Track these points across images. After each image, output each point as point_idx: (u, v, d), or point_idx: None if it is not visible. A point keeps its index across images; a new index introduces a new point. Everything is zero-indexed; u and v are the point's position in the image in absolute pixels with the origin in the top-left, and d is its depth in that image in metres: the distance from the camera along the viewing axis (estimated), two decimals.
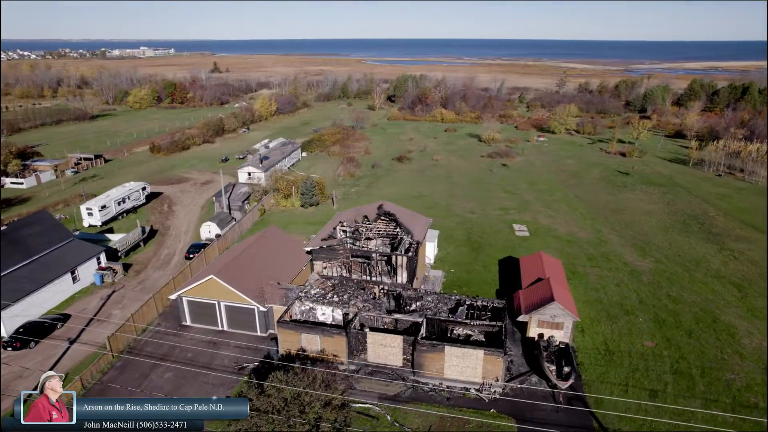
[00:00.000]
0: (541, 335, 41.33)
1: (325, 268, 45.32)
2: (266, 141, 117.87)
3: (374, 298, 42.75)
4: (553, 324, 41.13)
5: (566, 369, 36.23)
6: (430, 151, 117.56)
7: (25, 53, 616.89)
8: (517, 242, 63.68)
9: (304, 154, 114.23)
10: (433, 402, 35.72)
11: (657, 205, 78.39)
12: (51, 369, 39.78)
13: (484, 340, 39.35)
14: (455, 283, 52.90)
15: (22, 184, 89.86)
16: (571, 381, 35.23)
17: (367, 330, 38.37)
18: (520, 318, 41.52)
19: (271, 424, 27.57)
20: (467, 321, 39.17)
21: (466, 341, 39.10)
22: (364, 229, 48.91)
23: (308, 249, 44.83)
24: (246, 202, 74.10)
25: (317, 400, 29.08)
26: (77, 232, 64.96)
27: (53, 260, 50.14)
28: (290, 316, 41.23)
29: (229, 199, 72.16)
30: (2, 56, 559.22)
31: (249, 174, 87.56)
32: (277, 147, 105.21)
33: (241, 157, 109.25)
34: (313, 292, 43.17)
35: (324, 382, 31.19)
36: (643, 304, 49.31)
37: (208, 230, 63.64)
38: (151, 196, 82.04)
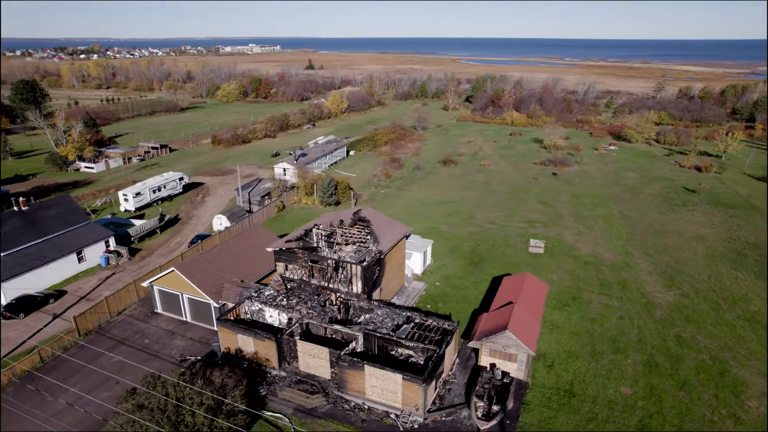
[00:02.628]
0: (493, 365, 37.60)
1: (287, 270, 44.87)
2: (321, 138, 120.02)
3: (324, 305, 41.56)
4: (505, 355, 37.22)
5: (495, 408, 32.55)
6: (483, 155, 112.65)
7: (155, 50, 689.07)
8: (525, 259, 58.71)
9: (352, 152, 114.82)
10: (348, 422, 33.86)
11: (714, 229, 68.29)
12: (28, 339, 43.41)
13: (421, 363, 36.60)
14: (434, 297, 49.93)
15: (93, 168, 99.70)
16: (494, 422, 31.58)
17: (296, 338, 37.36)
18: (471, 344, 38.08)
19: (146, 422, 27.63)
20: (402, 340, 36.65)
21: (401, 364, 36.61)
22: (339, 234, 47.80)
23: (270, 249, 44.60)
24: (267, 197, 75.86)
25: (199, 405, 28.70)
26: (110, 216, 70.66)
27: (64, 241, 54.78)
28: (236, 315, 41.36)
29: (249, 193, 74.34)
30: (136, 53, 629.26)
31: (284, 170, 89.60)
32: (322, 144, 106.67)
33: (291, 152, 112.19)
34: (267, 293, 42.94)
35: (222, 387, 30.73)
36: (642, 343, 43.09)
37: (219, 222, 65.99)
38: (191, 186, 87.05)
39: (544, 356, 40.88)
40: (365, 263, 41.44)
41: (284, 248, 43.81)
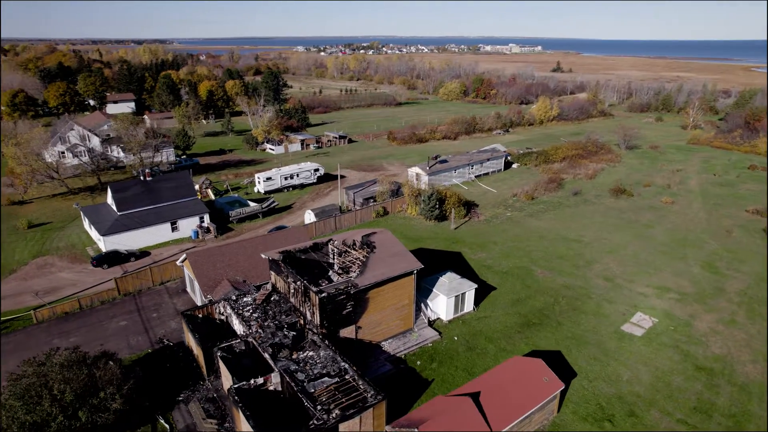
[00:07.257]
0: None
1: (277, 281, 42.71)
2: (496, 145, 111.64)
3: (282, 329, 38.11)
4: None
5: None
6: (676, 190, 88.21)
7: (422, 48, 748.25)
8: (603, 339, 43.47)
9: (515, 165, 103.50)
10: None
11: None
12: (91, 288, 51.64)
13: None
14: (432, 354, 40.98)
15: (274, 150, 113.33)
16: None
17: (218, 354, 35.15)
18: (387, 428, 29.90)
19: (14, 395, 29.72)
20: (299, 393, 30.85)
21: (303, 420, 31.06)
22: (352, 254, 43.38)
23: (264, 255, 42.99)
24: (372, 200, 74.00)
25: (61, 393, 29.53)
26: (236, 195, 79.00)
27: (168, 211, 63.40)
28: (207, 314, 41.28)
29: (355, 193, 73.66)
30: (404, 50, 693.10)
31: (416, 175, 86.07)
32: (472, 153, 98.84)
33: (431, 157, 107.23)
34: (245, 299, 41.68)
35: (101, 381, 31.06)
36: None
37: (309, 218, 67.24)
38: (329, 177, 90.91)
39: None
40: (325, 294, 36.39)
41: (271, 258, 41.74)
